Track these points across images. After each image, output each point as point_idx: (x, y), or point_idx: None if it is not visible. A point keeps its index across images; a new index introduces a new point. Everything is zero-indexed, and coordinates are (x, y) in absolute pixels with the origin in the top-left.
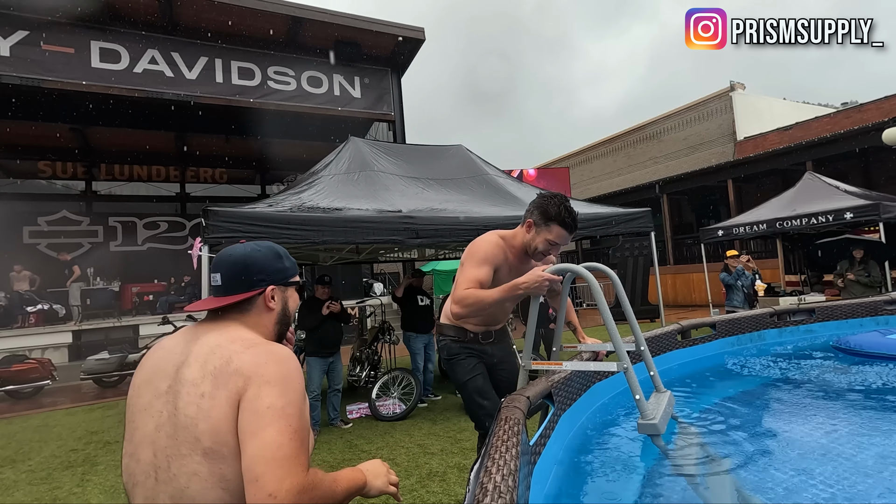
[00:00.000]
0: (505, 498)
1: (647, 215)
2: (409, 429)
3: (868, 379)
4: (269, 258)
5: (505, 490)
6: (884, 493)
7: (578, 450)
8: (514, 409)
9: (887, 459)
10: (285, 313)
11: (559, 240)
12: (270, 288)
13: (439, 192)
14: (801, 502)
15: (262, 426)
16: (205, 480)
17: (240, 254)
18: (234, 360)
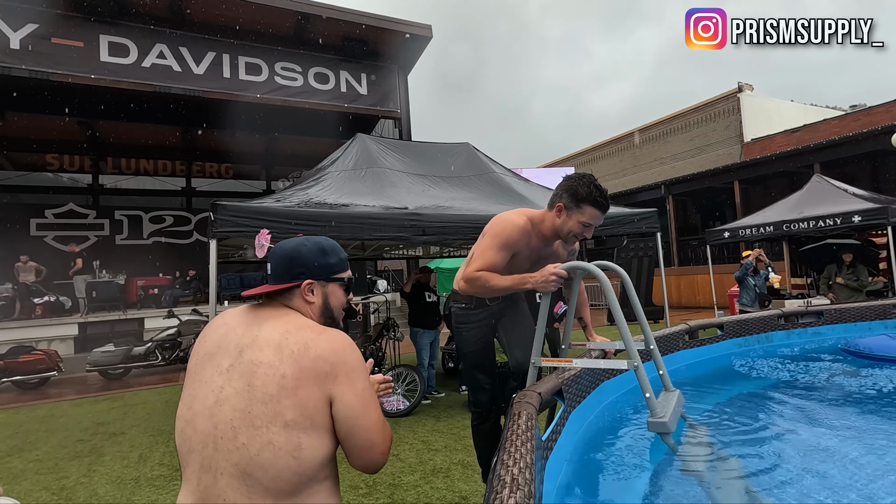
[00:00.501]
0: (523, 490)
1: (653, 216)
2: (412, 425)
3: (878, 382)
4: (314, 253)
5: (523, 482)
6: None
7: (588, 447)
8: (527, 405)
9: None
10: (326, 307)
11: (593, 220)
12: (308, 282)
13: (445, 189)
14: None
15: (367, 407)
16: (279, 449)
17: (289, 247)
18: (311, 346)
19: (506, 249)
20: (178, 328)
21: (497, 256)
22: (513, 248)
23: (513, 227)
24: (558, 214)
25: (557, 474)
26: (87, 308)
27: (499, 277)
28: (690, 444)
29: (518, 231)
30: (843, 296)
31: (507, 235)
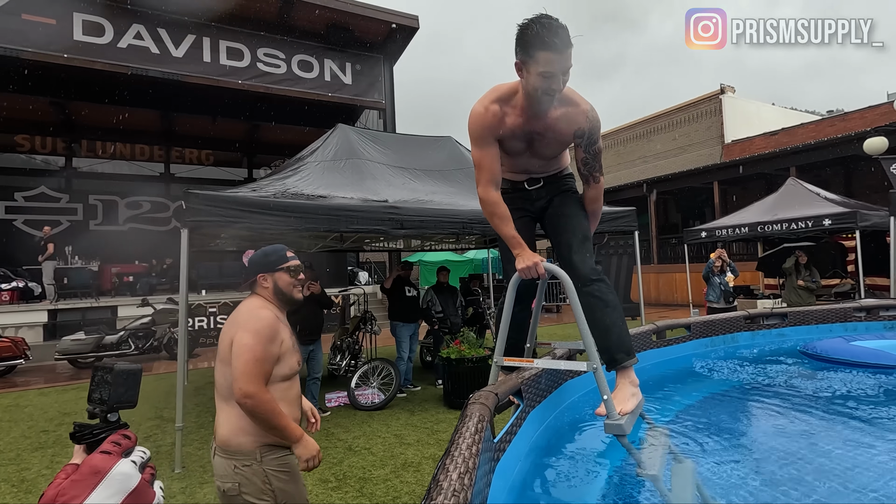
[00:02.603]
0: (458, 497)
1: (631, 214)
2: (386, 419)
3: (832, 385)
4: (259, 257)
5: (460, 488)
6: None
7: (545, 447)
8: (481, 406)
9: (845, 462)
10: (277, 288)
11: (550, 66)
12: (260, 275)
13: (426, 183)
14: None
15: (239, 353)
16: (223, 377)
17: (249, 259)
18: (238, 316)
19: (480, 144)
20: (152, 317)
21: (479, 155)
22: (485, 139)
23: (473, 119)
24: (520, 74)
25: (511, 474)
26: (57, 294)
27: (500, 218)
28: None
29: (478, 120)
30: (794, 299)
31: (472, 131)
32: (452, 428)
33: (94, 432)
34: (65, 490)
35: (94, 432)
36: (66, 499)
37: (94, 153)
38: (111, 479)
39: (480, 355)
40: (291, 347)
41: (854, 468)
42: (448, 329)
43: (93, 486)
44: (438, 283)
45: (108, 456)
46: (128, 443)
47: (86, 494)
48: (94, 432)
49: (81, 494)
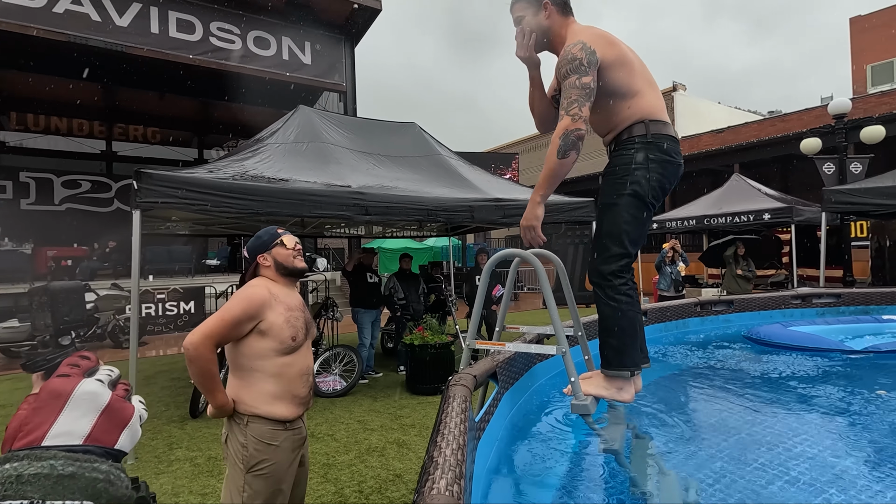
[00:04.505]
0: (455, 471)
1: (589, 205)
2: (349, 405)
3: (774, 366)
4: (253, 241)
5: (455, 463)
6: (778, 463)
7: (518, 427)
8: (462, 388)
9: (785, 434)
10: (278, 263)
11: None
12: (259, 256)
13: (391, 169)
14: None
15: (217, 312)
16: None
17: (246, 247)
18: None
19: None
20: (95, 303)
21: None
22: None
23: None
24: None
25: (488, 454)
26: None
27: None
28: (610, 423)
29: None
30: (741, 285)
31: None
32: (415, 414)
33: (47, 358)
34: (27, 419)
35: (48, 358)
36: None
37: (24, 126)
38: (76, 399)
39: (443, 341)
40: (286, 323)
41: (793, 437)
42: (411, 316)
43: (58, 411)
44: (401, 269)
45: (66, 378)
46: (88, 363)
47: (52, 420)
48: (48, 358)
49: (47, 421)
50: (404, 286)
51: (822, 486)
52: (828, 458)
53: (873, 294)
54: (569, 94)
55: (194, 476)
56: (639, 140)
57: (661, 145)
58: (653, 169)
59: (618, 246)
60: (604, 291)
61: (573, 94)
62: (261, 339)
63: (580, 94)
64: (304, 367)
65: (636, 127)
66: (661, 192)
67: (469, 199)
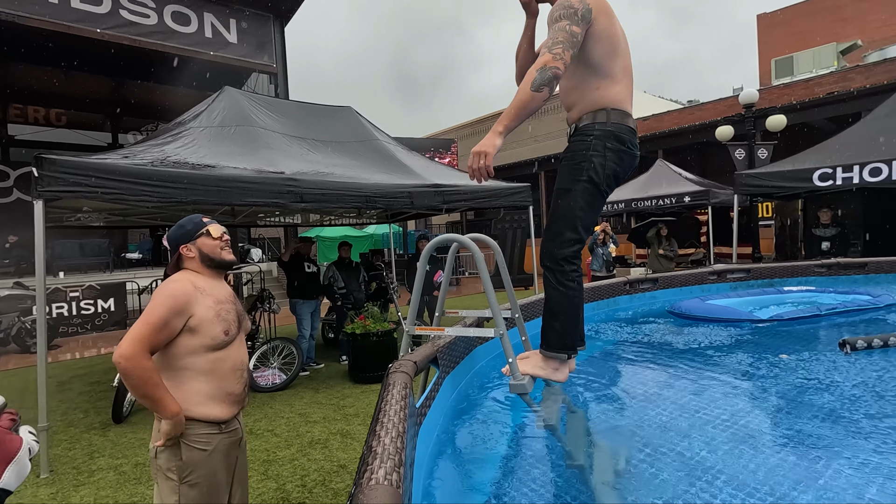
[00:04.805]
0: (393, 459)
1: (526, 190)
2: (289, 399)
3: (694, 338)
4: (175, 230)
5: (393, 451)
6: (700, 426)
7: (460, 410)
8: (402, 374)
9: (705, 399)
10: (203, 254)
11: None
12: (183, 247)
13: (327, 154)
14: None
15: (140, 317)
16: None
17: (167, 236)
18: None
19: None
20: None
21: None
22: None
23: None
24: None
25: (430, 439)
26: None
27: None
28: (546, 401)
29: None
30: (664, 264)
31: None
32: (359, 403)
33: None
34: None
35: None
36: None
37: None
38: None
39: (385, 329)
40: (216, 317)
41: (711, 403)
42: (352, 305)
43: None
44: (340, 258)
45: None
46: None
47: None
48: None
49: None
50: (344, 275)
51: (737, 445)
52: (741, 419)
53: (777, 268)
54: (556, 35)
55: (120, 485)
56: (598, 127)
57: (619, 135)
58: (609, 157)
59: (571, 231)
60: (555, 276)
61: (560, 37)
62: (191, 336)
63: (567, 39)
64: (237, 362)
65: (599, 114)
66: (615, 180)
67: (408, 186)
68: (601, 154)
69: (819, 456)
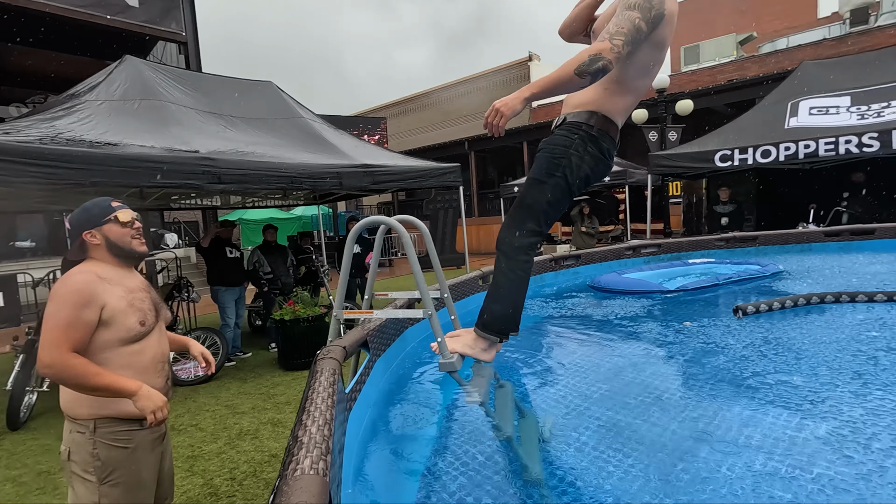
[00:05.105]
0: (321, 447)
1: (455, 170)
2: (215, 391)
3: (612, 310)
4: (79, 214)
5: (321, 440)
6: (617, 391)
7: (391, 391)
8: (331, 360)
9: (622, 363)
10: (110, 242)
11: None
12: (86, 233)
13: (246, 132)
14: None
15: (44, 323)
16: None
17: (69, 219)
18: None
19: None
20: None
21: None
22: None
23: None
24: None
25: (362, 420)
26: None
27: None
28: (475, 377)
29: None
30: (586, 241)
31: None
32: (290, 391)
33: None
34: None
35: None
36: None
37: None
38: None
39: (316, 314)
40: (130, 307)
41: (627, 366)
42: (279, 290)
43: None
44: (265, 242)
45: None
46: None
47: None
48: None
49: None
50: (270, 259)
51: (649, 406)
52: (653, 382)
53: (684, 242)
54: (622, 24)
55: (20, 497)
56: (585, 129)
57: (601, 143)
58: (586, 160)
59: (535, 223)
60: (508, 262)
61: (626, 28)
62: (104, 329)
63: (631, 33)
64: (157, 354)
65: (593, 116)
66: (585, 184)
67: (336, 166)
68: (580, 155)
69: (716, 411)
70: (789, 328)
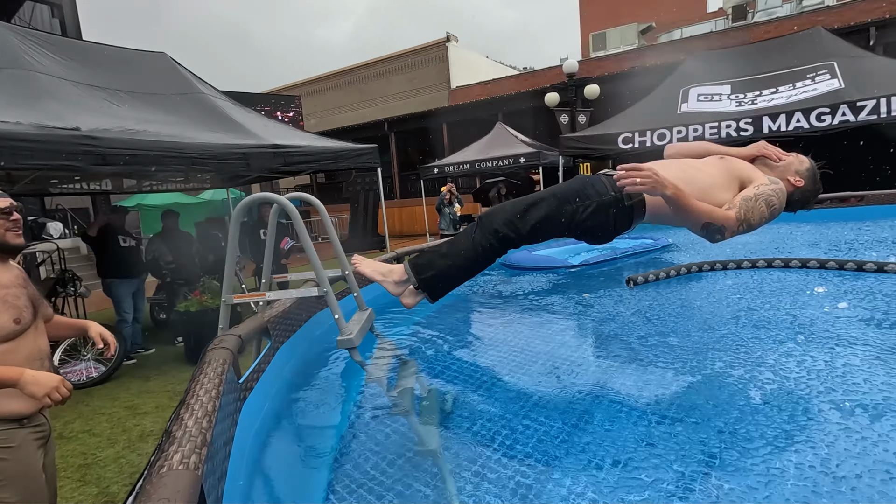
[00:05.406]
0: (195, 440)
1: (373, 151)
2: (112, 392)
3: (521, 286)
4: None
5: (197, 433)
6: (524, 363)
7: (294, 377)
8: (221, 350)
9: (532, 337)
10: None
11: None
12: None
13: (136, 109)
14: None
15: None
16: None
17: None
18: None
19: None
20: None
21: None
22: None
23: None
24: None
25: (260, 411)
26: None
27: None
28: (378, 355)
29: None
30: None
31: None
32: None
33: None
34: None
35: None
36: None
37: None
38: None
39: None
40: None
41: (534, 340)
42: (184, 280)
43: None
44: (165, 229)
45: None
46: None
47: None
48: None
49: None
50: (172, 247)
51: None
52: (559, 351)
53: None
54: (753, 212)
55: None
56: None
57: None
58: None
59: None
60: (482, 236)
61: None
62: None
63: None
64: (33, 351)
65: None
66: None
67: (243, 146)
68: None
69: (608, 376)
70: (672, 295)
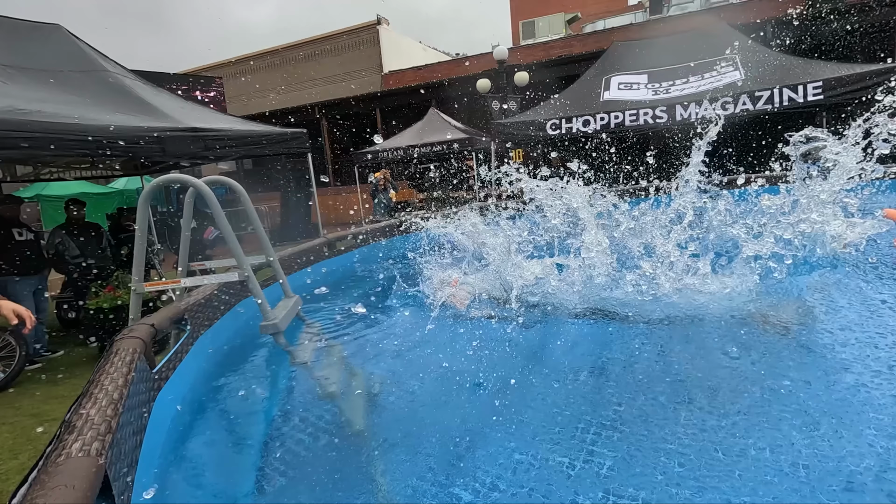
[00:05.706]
0: (98, 428)
1: (301, 136)
2: (14, 400)
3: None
4: None
5: (100, 421)
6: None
7: (215, 365)
8: (131, 340)
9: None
10: None
11: None
12: None
13: (28, 87)
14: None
15: None
16: None
17: None
18: None
19: None
20: None
21: None
22: None
23: None
24: None
25: (178, 399)
26: None
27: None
28: (303, 340)
29: None
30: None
31: None
32: None
33: None
34: None
35: None
36: None
37: None
38: None
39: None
40: None
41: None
42: (94, 275)
43: None
44: (69, 220)
45: None
46: None
47: None
48: None
49: None
50: (78, 240)
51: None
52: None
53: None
54: None
55: None
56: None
57: None
58: None
59: None
60: None
61: None
62: None
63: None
64: None
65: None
66: None
67: (157, 129)
68: None
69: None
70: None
